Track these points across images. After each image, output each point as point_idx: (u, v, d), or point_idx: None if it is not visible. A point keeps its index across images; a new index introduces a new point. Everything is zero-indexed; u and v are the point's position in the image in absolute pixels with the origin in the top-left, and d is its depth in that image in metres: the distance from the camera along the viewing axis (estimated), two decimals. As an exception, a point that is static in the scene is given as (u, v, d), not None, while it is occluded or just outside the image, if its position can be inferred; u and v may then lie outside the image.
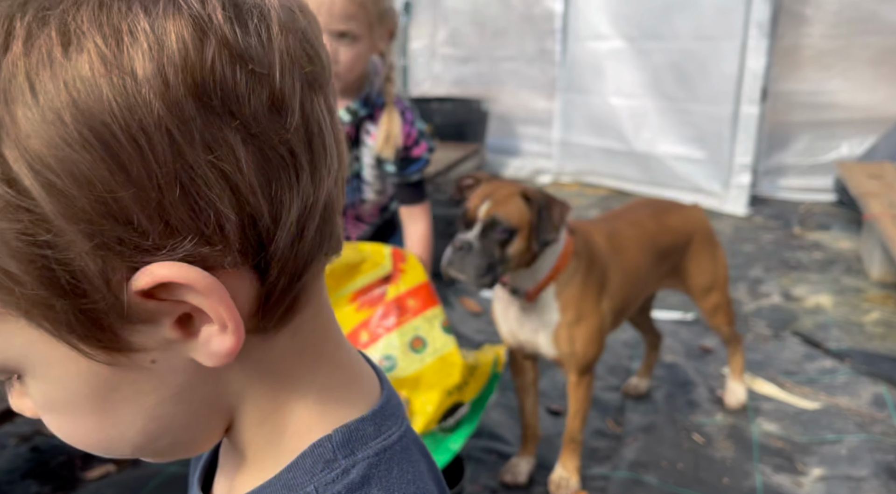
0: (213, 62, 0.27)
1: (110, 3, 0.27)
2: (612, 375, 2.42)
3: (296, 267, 0.32)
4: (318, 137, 0.31)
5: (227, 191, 0.28)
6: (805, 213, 4.27)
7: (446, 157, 3.99)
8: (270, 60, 0.29)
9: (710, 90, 4.26)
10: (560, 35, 4.82)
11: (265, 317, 0.33)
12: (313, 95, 0.31)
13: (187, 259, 0.29)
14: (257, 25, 0.29)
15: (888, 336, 2.67)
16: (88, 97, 0.26)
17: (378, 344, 1.46)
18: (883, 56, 4.16)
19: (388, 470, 0.35)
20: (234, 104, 0.28)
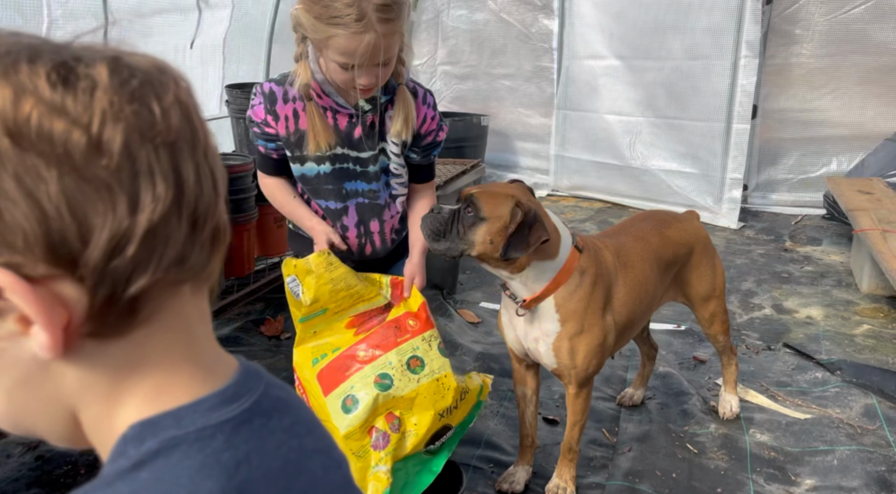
0: (30, 114, 0.35)
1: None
2: (608, 385, 2.46)
3: (115, 283, 0.37)
4: (147, 175, 0.37)
5: (34, 211, 0.35)
6: (796, 227, 4.34)
7: (445, 172, 4.05)
8: (90, 114, 0.36)
9: (703, 107, 4.35)
10: (556, 54, 4.92)
11: (95, 323, 0.38)
12: (146, 144, 0.37)
13: (5, 265, 0.36)
14: (84, 88, 0.36)
15: (878, 348, 2.72)
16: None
17: (377, 362, 1.49)
18: (871, 74, 4.26)
19: (167, 458, 0.38)
20: (48, 145, 0.35)
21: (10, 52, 0.37)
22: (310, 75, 1.42)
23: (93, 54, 0.38)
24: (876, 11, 4.13)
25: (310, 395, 1.53)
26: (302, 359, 1.57)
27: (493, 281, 3.46)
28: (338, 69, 1.35)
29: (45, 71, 0.36)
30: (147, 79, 0.39)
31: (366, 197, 1.57)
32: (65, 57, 0.37)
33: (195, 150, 0.40)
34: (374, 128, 1.51)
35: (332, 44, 1.30)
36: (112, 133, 0.36)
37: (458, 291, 3.32)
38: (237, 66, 3.41)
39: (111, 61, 0.38)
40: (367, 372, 1.48)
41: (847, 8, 4.19)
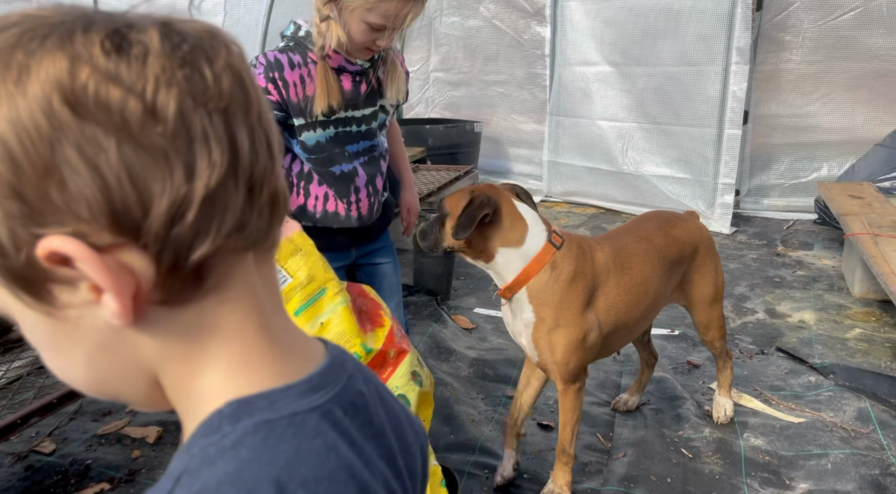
0: (86, 83, 0.35)
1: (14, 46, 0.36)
2: (602, 391, 2.46)
3: (178, 250, 0.38)
4: (202, 141, 0.38)
5: (95, 180, 0.36)
6: (788, 232, 4.36)
7: (439, 178, 4.05)
8: (144, 80, 0.36)
9: (694, 113, 4.37)
10: (549, 60, 4.94)
11: (163, 291, 0.39)
12: (199, 110, 0.38)
13: (74, 234, 0.36)
14: (137, 54, 0.37)
15: (870, 351, 2.73)
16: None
17: (405, 359, 1.45)
18: (860, 81, 4.30)
19: (265, 439, 0.39)
20: (106, 113, 0.36)
21: (64, 21, 0.37)
22: (339, 36, 1.45)
23: (144, 21, 0.39)
24: (864, 18, 4.17)
25: None
26: None
27: (486, 286, 3.46)
28: (367, 30, 1.43)
29: (98, 39, 0.36)
30: (198, 43, 0.39)
31: (366, 154, 1.63)
32: (118, 24, 0.38)
33: (248, 115, 0.40)
34: (377, 84, 1.60)
35: (381, 7, 1.39)
36: (166, 99, 0.36)
37: (452, 297, 3.31)
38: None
39: (162, 26, 0.38)
40: (401, 371, 1.43)
41: (836, 15, 4.23)
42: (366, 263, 1.75)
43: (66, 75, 0.35)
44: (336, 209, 1.62)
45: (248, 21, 3.46)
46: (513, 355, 2.73)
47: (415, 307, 3.09)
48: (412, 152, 4.45)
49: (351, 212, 1.63)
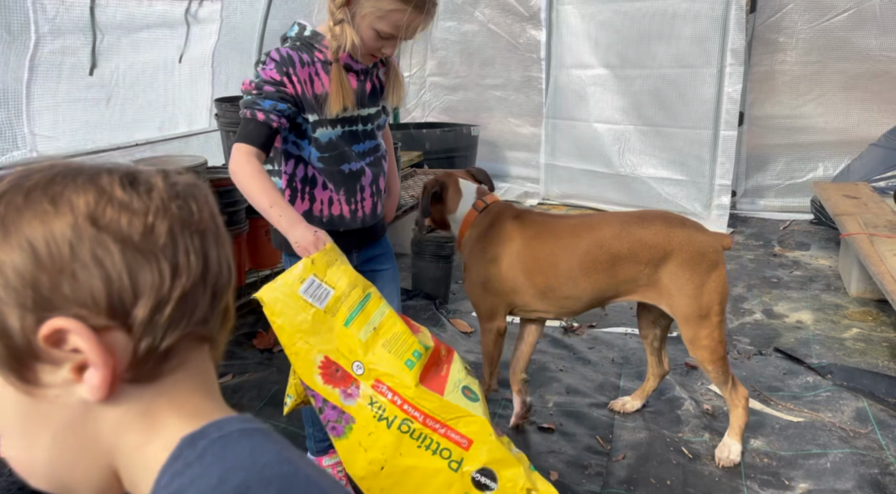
0: (106, 210, 0.47)
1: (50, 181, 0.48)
2: (601, 392, 2.47)
3: (155, 335, 0.48)
4: (184, 255, 0.49)
5: (101, 275, 0.46)
6: (784, 232, 4.38)
7: (435, 182, 4.06)
8: (146, 210, 0.48)
9: (690, 115, 4.39)
10: (545, 64, 4.96)
11: (136, 368, 0.48)
12: (184, 231, 0.50)
13: (77, 317, 0.45)
14: (143, 191, 0.49)
15: (868, 351, 2.74)
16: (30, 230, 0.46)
17: (455, 359, 1.44)
18: (854, 81, 4.32)
19: (224, 446, 0.47)
20: (117, 232, 0.47)
21: (93, 165, 0.51)
22: (354, 38, 1.47)
23: (150, 170, 0.52)
24: (857, 19, 4.20)
25: (416, 399, 1.32)
26: (388, 366, 1.32)
27: (485, 290, 3.47)
28: (375, 37, 1.46)
29: (118, 178, 0.49)
30: (187, 187, 0.52)
31: (371, 154, 1.65)
32: (132, 170, 0.51)
33: (218, 241, 0.53)
34: (379, 85, 1.64)
35: (392, 17, 1.42)
36: (162, 221, 0.49)
37: (450, 301, 3.32)
38: (226, 80, 3.42)
39: (163, 174, 0.52)
40: (457, 366, 1.41)
41: (829, 16, 4.25)
42: (366, 269, 1.75)
43: (93, 202, 0.47)
44: (341, 212, 1.63)
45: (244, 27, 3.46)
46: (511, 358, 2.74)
47: (413, 311, 3.09)
48: (409, 156, 4.46)
49: (357, 213, 1.65)
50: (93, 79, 2.54)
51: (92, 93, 2.57)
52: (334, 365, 1.34)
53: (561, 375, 2.60)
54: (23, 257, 0.45)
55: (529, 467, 1.40)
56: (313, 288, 1.33)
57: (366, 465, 1.33)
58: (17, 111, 2.25)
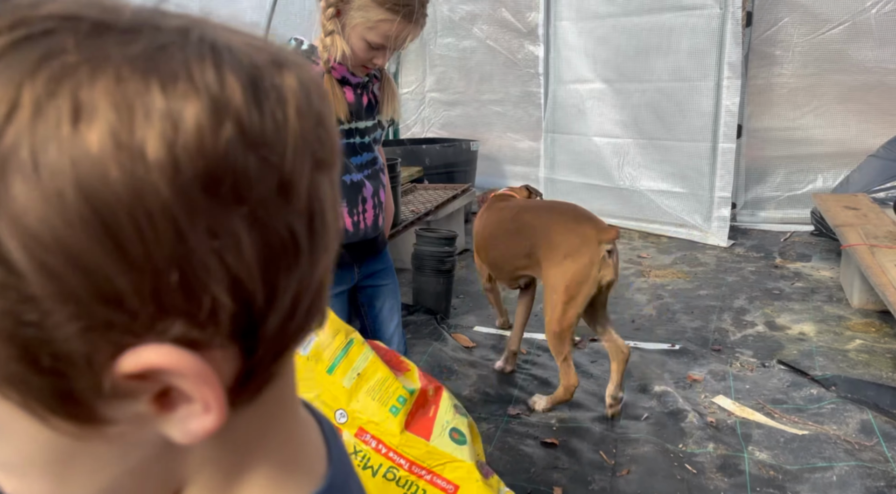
0: (227, 148, 0.27)
1: (128, 77, 0.25)
2: (602, 405, 2.45)
3: (282, 345, 0.32)
4: (320, 217, 0.31)
5: (225, 278, 0.28)
6: (785, 244, 4.38)
7: (436, 197, 4.07)
8: (283, 145, 0.28)
9: (689, 128, 4.41)
10: (543, 79, 5.00)
11: (242, 394, 0.32)
12: (320, 177, 0.31)
13: (176, 341, 0.28)
14: (273, 108, 0.28)
15: (871, 362, 2.73)
16: (94, 177, 0.25)
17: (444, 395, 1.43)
18: (851, 93, 4.34)
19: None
20: (244, 190, 0.27)
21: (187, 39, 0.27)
22: (344, 48, 1.50)
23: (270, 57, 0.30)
24: (852, 32, 4.23)
25: (401, 447, 1.32)
26: (372, 414, 1.32)
27: (485, 304, 3.46)
28: (366, 48, 1.47)
29: (235, 78, 0.27)
30: (320, 93, 0.31)
31: (369, 167, 1.66)
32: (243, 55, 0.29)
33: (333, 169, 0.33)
34: (375, 99, 1.65)
35: (381, 27, 1.43)
36: (301, 169, 0.29)
37: (451, 315, 3.31)
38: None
39: (297, 69, 0.30)
40: (445, 406, 1.41)
41: (824, 29, 4.29)
42: (367, 285, 1.75)
43: (207, 134, 0.26)
44: (344, 225, 1.64)
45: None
46: (514, 373, 2.73)
47: (414, 326, 3.08)
48: (409, 171, 4.47)
49: (359, 226, 1.66)
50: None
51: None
52: None
53: (563, 389, 2.58)
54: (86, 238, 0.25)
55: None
56: None
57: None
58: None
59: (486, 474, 1.38)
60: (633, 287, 3.71)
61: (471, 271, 4.00)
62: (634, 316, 3.31)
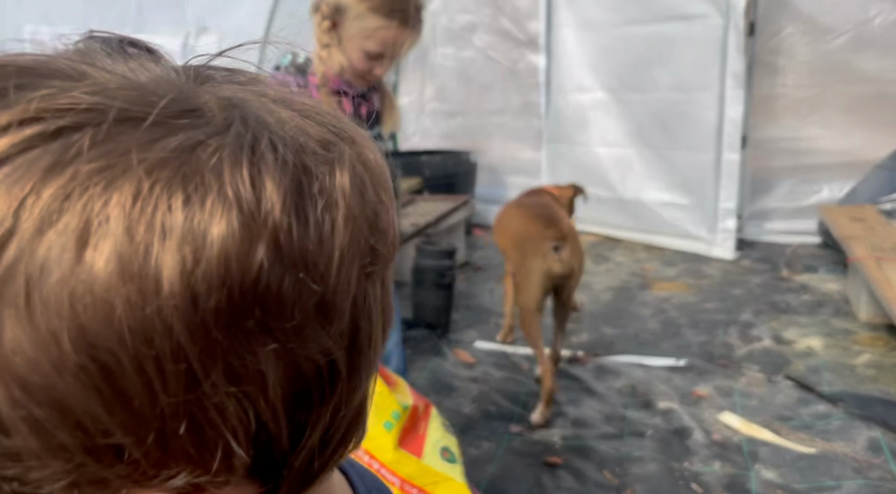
0: (259, 273, 0.22)
1: (147, 190, 0.21)
2: (608, 424, 2.41)
3: (309, 479, 0.28)
4: (366, 332, 0.27)
5: (243, 424, 0.24)
6: (791, 256, 4.32)
7: (436, 209, 4.04)
8: (328, 260, 0.24)
9: (692, 138, 4.37)
10: (544, 88, 4.97)
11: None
12: (369, 286, 0.26)
13: (179, 490, 0.25)
14: (320, 217, 0.24)
15: (880, 378, 2.67)
16: (96, 317, 0.21)
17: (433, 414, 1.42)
18: (856, 103, 4.30)
19: None
20: (275, 320, 0.23)
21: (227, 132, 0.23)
22: (340, 61, 1.48)
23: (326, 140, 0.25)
24: (857, 42, 4.19)
25: (394, 464, 1.28)
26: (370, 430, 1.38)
27: (486, 319, 3.42)
28: (363, 58, 1.46)
29: (276, 183, 0.23)
30: (378, 173, 0.27)
31: None
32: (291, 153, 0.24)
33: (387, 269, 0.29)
34: (373, 109, 1.64)
35: (378, 34, 1.42)
36: (347, 285, 0.25)
37: (452, 330, 3.27)
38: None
39: (354, 158, 0.26)
40: (435, 424, 1.40)
41: (828, 39, 4.25)
42: None
43: (236, 259, 0.22)
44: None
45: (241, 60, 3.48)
46: (516, 390, 2.69)
47: (414, 341, 3.04)
48: (409, 183, 4.44)
49: None
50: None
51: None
52: None
53: (567, 407, 2.54)
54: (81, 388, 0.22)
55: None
56: None
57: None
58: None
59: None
60: (636, 300, 3.66)
61: (471, 284, 3.96)
62: (639, 330, 3.27)
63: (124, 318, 0.21)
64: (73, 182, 0.21)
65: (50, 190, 0.21)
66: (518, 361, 2.95)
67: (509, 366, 2.89)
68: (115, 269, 0.21)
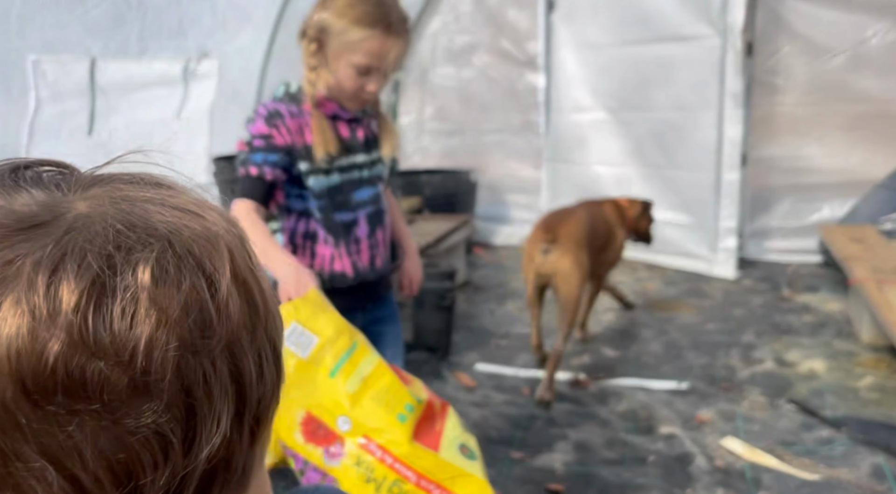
0: (56, 364, 0.26)
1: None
2: (609, 449, 2.39)
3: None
4: (203, 403, 0.29)
5: (62, 488, 0.26)
6: (793, 275, 4.31)
7: (437, 229, 4.04)
8: (133, 347, 0.27)
9: (692, 157, 4.38)
10: (543, 108, 4.99)
11: None
12: (198, 358, 0.29)
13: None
14: (121, 311, 0.27)
15: (883, 401, 2.66)
16: None
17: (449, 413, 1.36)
18: (855, 122, 4.31)
19: None
20: (81, 402, 0.26)
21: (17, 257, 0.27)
22: (328, 81, 1.49)
23: (135, 245, 0.29)
24: (854, 62, 4.22)
25: (409, 457, 1.22)
26: (378, 421, 1.22)
27: (487, 340, 3.41)
28: (353, 75, 1.46)
29: (73, 287, 0.27)
30: (199, 264, 0.30)
31: (371, 204, 1.63)
32: (99, 258, 0.28)
33: (256, 333, 0.32)
34: (371, 133, 1.63)
35: (363, 46, 1.42)
36: (161, 361, 0.27)
37: (453, 352, 3.26)
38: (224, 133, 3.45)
39: (160, 252, 0.29)
40: (452, 422, 1.32)
41: (825, 58, 4.28)
42: (372, 330, 1.71)
43: (26, 344, 0.25)
44: (343, 268, 1.61)
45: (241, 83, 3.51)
46: (516, 413, 2.67)
47: (414, 364, 3.03)
48: (409, 202, 4.45)
49: (357, 265, 1.63)
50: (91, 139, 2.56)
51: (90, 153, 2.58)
52: (316, 422, 1.24)
53: (568, 431, 2.52)
54: None
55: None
56: (296, 335, 1.23)
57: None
58: (13, 175, 2.25)
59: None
60: (638, 321, 3.65)
61: (472, 305, 3.95)
62: (640, 352, 3.25)
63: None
64: None
65: None
66: (518, 384, 2.94)
67: (510, 389, 2.88)
68: None
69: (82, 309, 0.26)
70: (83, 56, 2.43)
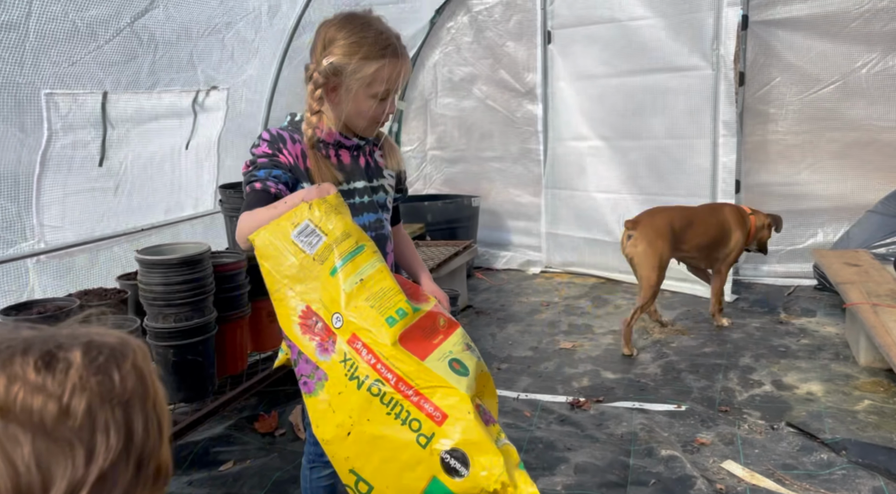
0: (17, 395, 0.45)
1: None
2: (610, 472, 2.40)
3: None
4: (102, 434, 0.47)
5: (8, 471, 0.44)
6: (789, 299, 4.36)
7: (438, 254, 4.10)
8: (62, 391, 0.46)
9: (687, 183, 4.46)
10: (542, 136, 5.10)
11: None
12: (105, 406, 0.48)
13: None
14: (60, 370, 0.47)
15: (881, 424, 2.68)
16: None
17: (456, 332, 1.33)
18: (847, 149, 4.40)
19: None
20: (27, 416, 0.45)
21: (9, 346, 0.48)
22: (330, 121, 1.54)
23: (72, 341, 0.49)
24: (845, 90, 4.32)
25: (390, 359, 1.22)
26: (367, 321, 1.23)
27: (489, 363, 3.42)
28: (374, 102, 1.52)
29: (33, 360, 0.47)
30: (112, 353, 0.50)
31: (373, 229, 1.64)
32: (50, 346, 0.49)
33: (146, 403, 0.50)
34: (373, 162, 1.67)
35: (379, 75, 1.49)
36: (78, 400, 0.46)
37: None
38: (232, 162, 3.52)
39: (85, 345, 0.49)
40: (454, 339, 1.30)
41: (816, 88, 4.39)
42: None
43: (2, 389, 0.45)
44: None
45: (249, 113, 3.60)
46: (518, 436, 2.69)
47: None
48: (412, 229, 4.52)
49: None
50: (102, 170, 2.63)
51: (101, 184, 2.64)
52: (314, 316, 1.27)
53: (568, 454, 2.54)
54: None
55: (518, 465, 1.24)
56: (306, 232, 1.26)
57: (333, 428, 1.22)
58: (26, 204, 2.31)
59: (487, 421, 1.25)
60: (637, 344, 3.68)
61: (473, 329, 3.99)
62: (639, 375, 3.28)
63: None
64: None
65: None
66: (520, 407, 2.96)
67: (511, 412, 2.90)
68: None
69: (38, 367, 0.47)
70: (96, 89, 2.51)
